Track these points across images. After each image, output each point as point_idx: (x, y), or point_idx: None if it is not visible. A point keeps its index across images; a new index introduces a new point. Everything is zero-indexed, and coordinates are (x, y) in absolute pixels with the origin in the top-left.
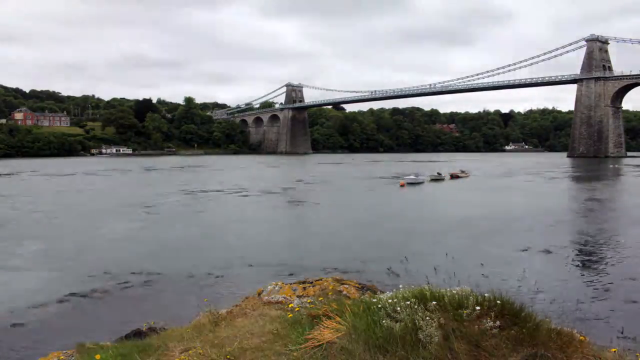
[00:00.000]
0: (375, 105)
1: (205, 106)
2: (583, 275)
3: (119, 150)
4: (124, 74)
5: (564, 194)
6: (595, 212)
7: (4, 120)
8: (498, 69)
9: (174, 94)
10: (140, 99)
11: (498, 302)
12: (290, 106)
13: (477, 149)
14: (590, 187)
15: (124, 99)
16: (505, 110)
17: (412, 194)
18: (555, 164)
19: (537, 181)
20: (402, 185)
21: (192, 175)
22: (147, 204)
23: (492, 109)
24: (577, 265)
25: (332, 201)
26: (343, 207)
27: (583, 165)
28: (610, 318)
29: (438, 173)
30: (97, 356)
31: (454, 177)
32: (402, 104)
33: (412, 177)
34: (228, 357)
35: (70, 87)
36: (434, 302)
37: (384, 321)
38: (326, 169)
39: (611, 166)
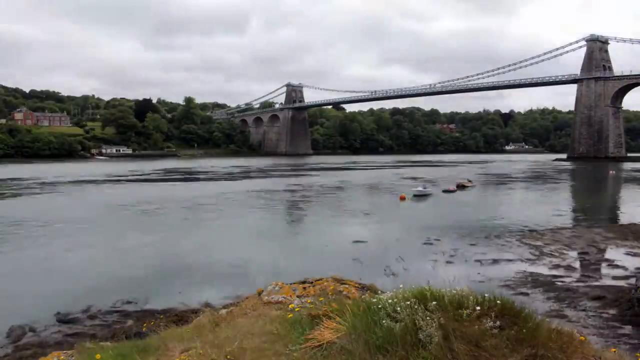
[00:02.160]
0: (375, 105)
1: (205, 106)
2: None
3: (119, 150)
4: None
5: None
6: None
7: (3, 120)
8: (498, 68)
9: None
10: (140, 99)
11: (498, 302)
12: (290, 106)
13: (477, 149)
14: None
15: (124, 98)
16: (505, 110)
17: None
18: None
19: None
20: (402, 199)
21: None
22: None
23: (492, 109)
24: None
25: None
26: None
27: (578, 174)
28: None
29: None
30: (97, 356)
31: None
32: (402, 104)
33: (420, 188)
34: (228, 357)
35: (70, 87)
36: (434, 302)
37: (384, 321)
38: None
39: (612, 172)
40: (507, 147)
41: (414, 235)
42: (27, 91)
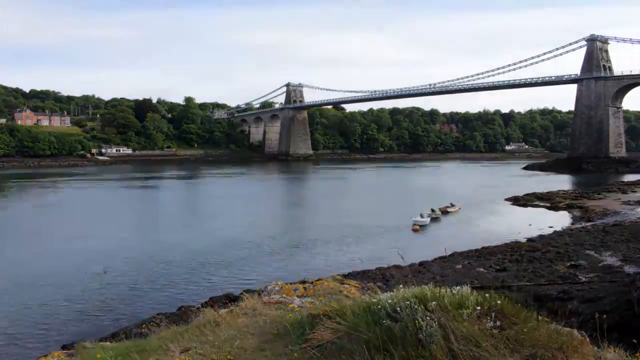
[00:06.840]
0: (375, 105)
1: (204, 106)
2: None
3: (119, 150)
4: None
5: None
6: None
7: (4, 120)
8: (498, 68)
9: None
10: (140, 98)
11: (498, 302)
12: (291, 106)
13: (477, 149)
14: None
15: (124, 98)
16: (505, 110)
17: None
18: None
19: None
20: (415, 230)
21: None
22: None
23: (492, 109)
24: None
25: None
26: None
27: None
28: None
29: (432, 210)
30: (97, 356)
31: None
32: (402, 104)
33: (418, 218)
34: (228, 357)
35: (70, 87)
36: (434, 302)
37: (384, 321)
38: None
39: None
40: (507, 147)
41: None
42: (27, 91)
